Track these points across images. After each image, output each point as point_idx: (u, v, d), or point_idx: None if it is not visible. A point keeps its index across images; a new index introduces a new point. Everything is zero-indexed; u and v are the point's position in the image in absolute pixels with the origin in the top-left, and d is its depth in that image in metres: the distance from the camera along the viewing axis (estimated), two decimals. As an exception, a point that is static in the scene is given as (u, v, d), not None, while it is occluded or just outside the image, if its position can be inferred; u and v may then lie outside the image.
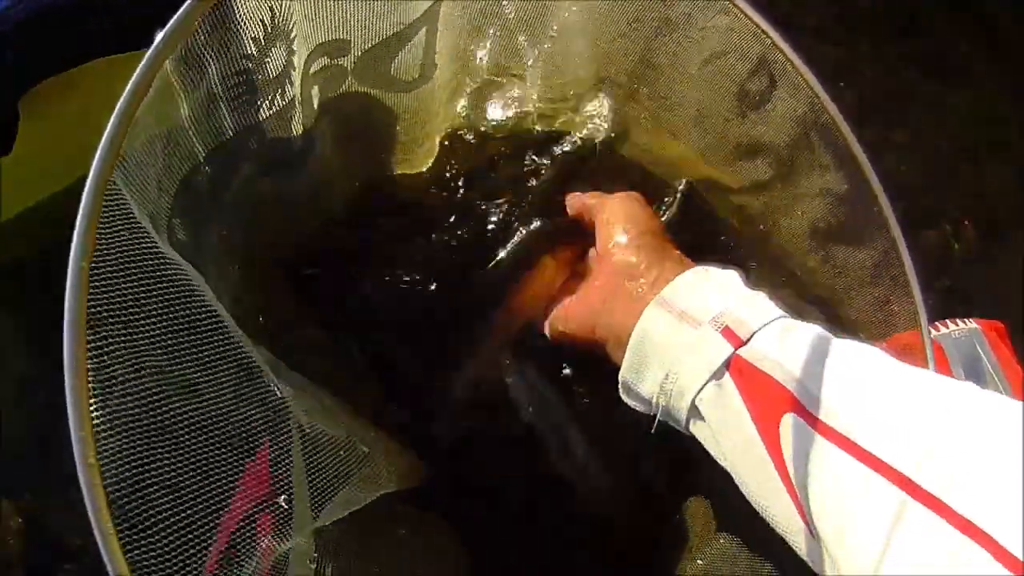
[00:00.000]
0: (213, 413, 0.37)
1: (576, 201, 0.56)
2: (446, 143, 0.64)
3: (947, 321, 0.57)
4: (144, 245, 0.36)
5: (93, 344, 0.32)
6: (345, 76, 0.57)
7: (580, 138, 0.61)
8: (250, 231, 0.53)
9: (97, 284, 0.33)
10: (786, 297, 0.57)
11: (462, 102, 0.63)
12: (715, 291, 0.44)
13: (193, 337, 0.37)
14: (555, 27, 0.56)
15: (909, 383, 0.37)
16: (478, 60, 0.59)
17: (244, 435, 0.38)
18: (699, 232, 0.60)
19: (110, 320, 0.33)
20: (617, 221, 0.51)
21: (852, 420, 0.36)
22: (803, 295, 0.56)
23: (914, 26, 1.18)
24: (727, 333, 0.41)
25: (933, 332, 0.65)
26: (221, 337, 0.39)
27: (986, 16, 1.19)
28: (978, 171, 1.13)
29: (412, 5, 0.55)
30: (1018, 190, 1.12)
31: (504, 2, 0.56)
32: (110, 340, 0.33)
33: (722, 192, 0.59)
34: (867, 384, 0.37)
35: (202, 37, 0.45)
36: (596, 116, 0.61)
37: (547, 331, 0.54)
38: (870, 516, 0.33)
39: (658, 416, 0.45)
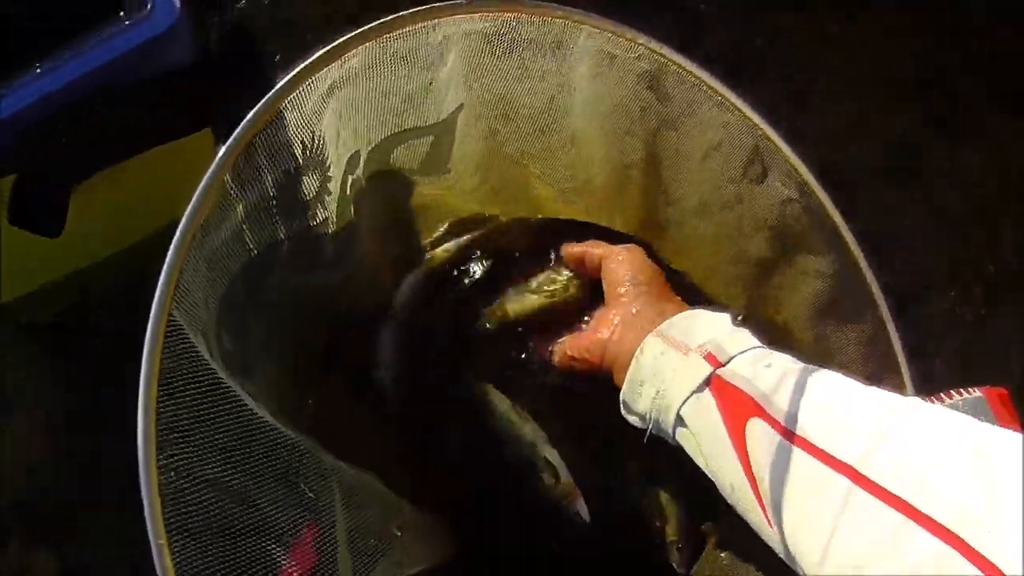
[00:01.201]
0: (262, 513, 0.42)
1: (576, 250, 0.64)
2: (467, 231, 0.69)
3: (951, 391, 0.59)
4: (202, 366, 0.42)
5: (162, 463, 0.37)
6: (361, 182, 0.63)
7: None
8: (292, 330, 0.58)
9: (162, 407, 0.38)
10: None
11: (482, 195, 0.68)
12: (705, 326, 0.53)
13: (244, 447, 0.42)
14: (568, 132, 0.62)
15: (859, 394, 0.43)
16: (496, 162, 0.65)
17: (291, 528, 0.43)
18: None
19: (173, 440, 0.38)
20: (627, 269, 0.60)
21: (808, 422, 0.42)
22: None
23: (924, 82, 1.19)
24: (709, 358, 0.49)
25: (938, 404, 0.67)
26: (269, 443, 0.44)
27: (997, 61, 1.19)
28: (988, 232, 1.14)
29: (432, 111, 0.61)
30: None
31: (518, 103, 0.61)
32: (176, 457, 0.38)
33: (724, 279, 0.64)
34: (824, 395, 0.44)
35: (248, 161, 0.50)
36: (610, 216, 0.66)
37: (555, 359, 0.63)
38: (820, 503, 0.38)
39: (650, 429, 0.53)
